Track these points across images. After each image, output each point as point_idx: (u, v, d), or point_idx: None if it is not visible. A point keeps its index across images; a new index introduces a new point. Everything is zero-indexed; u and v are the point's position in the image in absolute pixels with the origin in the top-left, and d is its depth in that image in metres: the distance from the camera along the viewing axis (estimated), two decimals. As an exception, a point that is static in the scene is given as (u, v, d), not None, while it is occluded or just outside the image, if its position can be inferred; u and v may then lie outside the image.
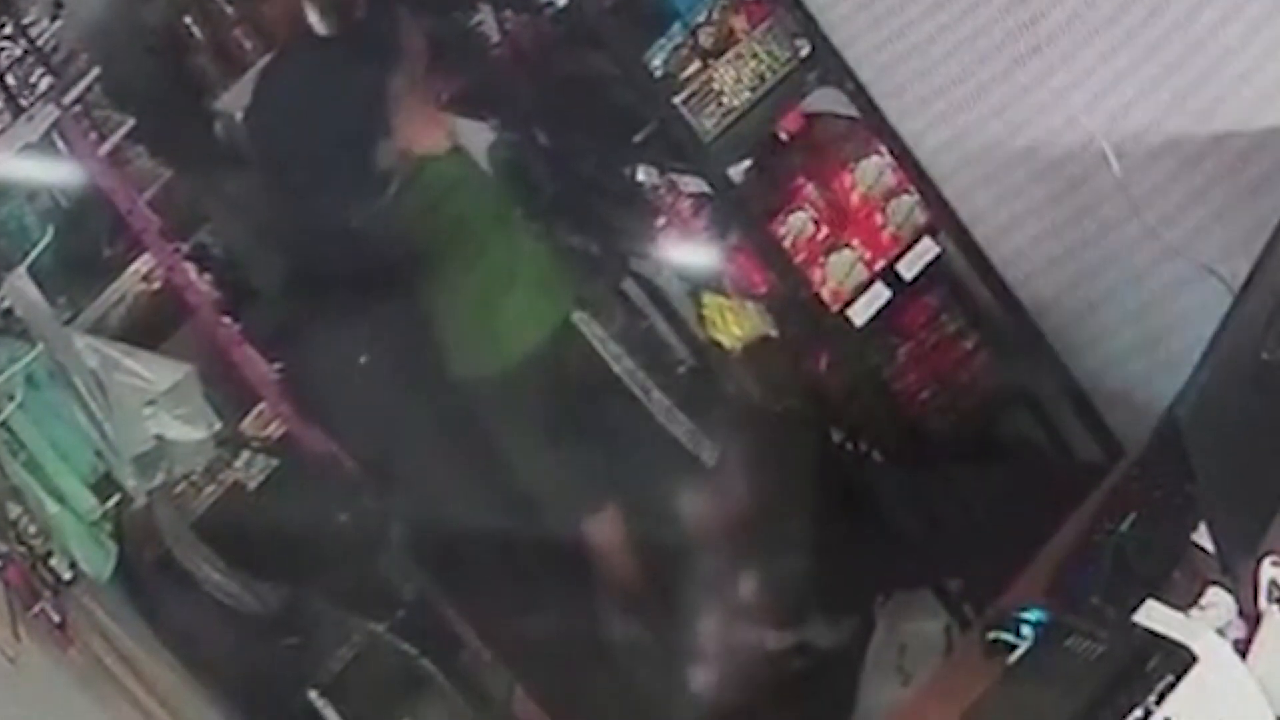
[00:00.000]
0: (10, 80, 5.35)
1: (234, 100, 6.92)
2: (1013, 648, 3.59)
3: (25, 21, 5.42)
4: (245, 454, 5.82)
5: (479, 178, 5.66)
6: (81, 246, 5.72)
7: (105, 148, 5.52)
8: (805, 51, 4.68)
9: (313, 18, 6.68)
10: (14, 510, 5.20)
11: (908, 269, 4.80)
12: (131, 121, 5.66)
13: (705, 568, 5.34)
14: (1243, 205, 4.21)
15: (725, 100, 4.64)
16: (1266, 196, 4.09)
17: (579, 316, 5.60)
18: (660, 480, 5.48)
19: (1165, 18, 4.10)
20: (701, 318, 5.46)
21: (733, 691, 5.32)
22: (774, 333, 5.14)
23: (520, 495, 5.69)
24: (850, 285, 4.76)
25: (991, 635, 3.69)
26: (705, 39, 4.67)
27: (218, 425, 5.42)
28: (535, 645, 5.67)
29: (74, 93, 5.40)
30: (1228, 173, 4.22)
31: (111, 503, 5.32)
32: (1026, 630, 3.58)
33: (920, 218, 4.79)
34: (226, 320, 5.60)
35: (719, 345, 5.40)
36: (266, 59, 5.86)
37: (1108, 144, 4.29)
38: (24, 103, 5.31)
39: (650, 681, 5.49)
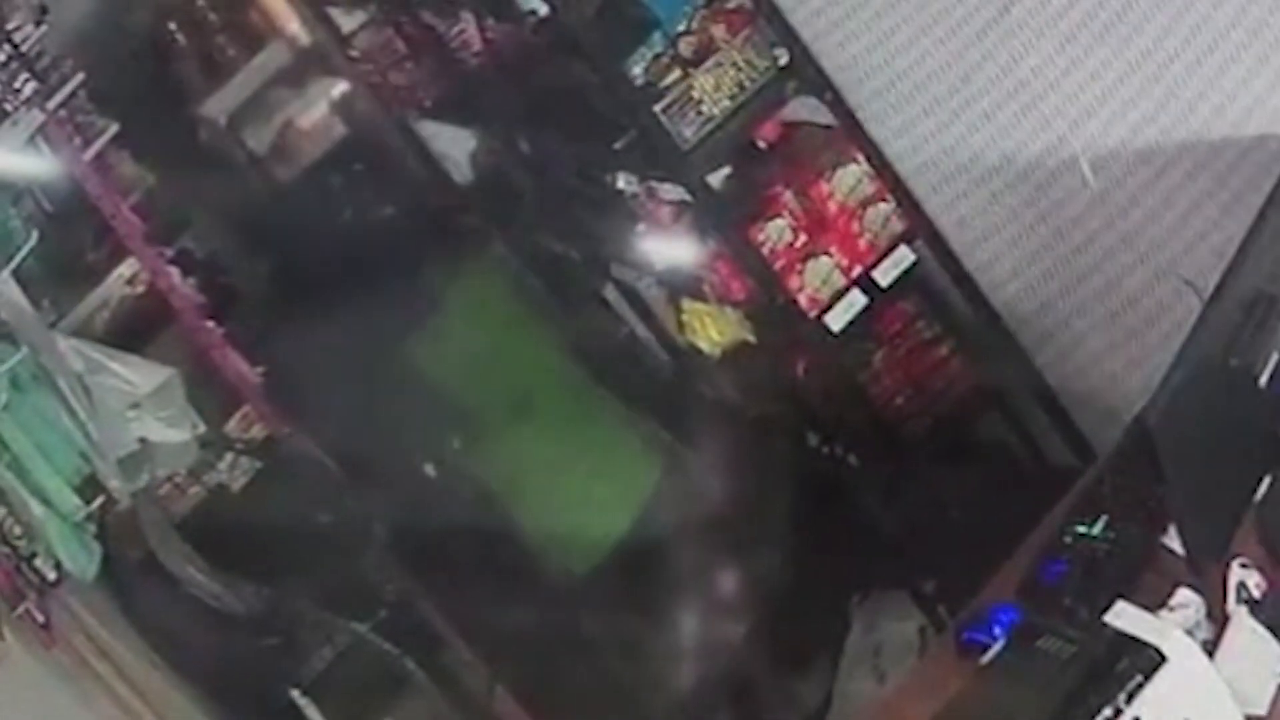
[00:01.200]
0: (-6, 85, 5.35)
1: (218, 106, 6.95)
2: (986, 648, 3.61)
3: (9, 27, 5.40)
4: (229, 456, 5.83)
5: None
6: (66, 250, 5.72)
7: (90, 152, 5.50)
8: (784, 60, 4.71)
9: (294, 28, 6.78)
10: (-1, 512, 5.22)
11: (884, 276, 4.84)
12: (116, 126, 5.65)
13: (684, 568, 5.36)
14: (1213, 214, 4.24)
15: (705, 108, 4.67)
16: (1236, 206, 4.13)
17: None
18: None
19: (1141, 31, 4.14)
20: (681, 323, 5.50)
21: (710, 689, 5.34)
22: (752, 338, 5.18)
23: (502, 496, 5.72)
24: (827, 292, 4.80)
25: (965, 635, 3.72)
26: (685, 48, 4.70)
27: (201, 428, 5.42)
28: (516, 645, 5.68)
29: (58, 97, 5.38)
30: (1199, 182, 4.26)
31: (96, 504, 5.32)
32: (999, 631, 3.61)
33: (897, 225, 4.82)
34: (210, 324, 5.60)
35: (698, 350, 5.44)
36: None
37: (1082, 153, 4.32)
38: (8, 107, 5.29)
39: (628, 680, 5.51)
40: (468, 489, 5.81)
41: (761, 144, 4.93)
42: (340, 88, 7.22)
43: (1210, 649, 3.31)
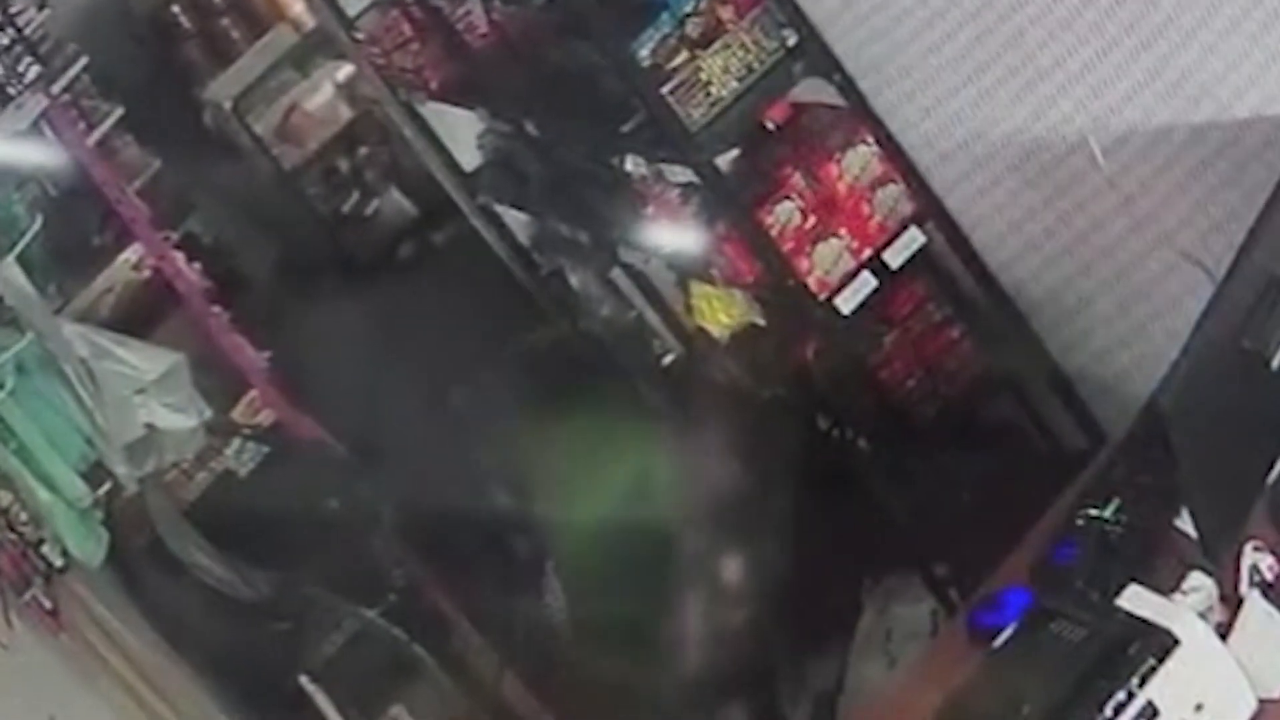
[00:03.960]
0: (-2, 69, 5.36)
1: (222, 89, 6.99)
2: (997, 631, 3.60)
3: (13, 10, 5.43)
4: (235, 442, 5.85)
5: None
6: (71, 235, 5.75)
7: (94, 137, 5.54)
8: (792, 42, 4.69)
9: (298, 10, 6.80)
10: (5, 498, 5.26)
11: (894, 258, 4.82)
12: (120, 111, 5.68)
13: (694, 552, 5.36)
14: (1225, 197, 4.22)
15: (713, 90, 4.66)
16: (1248, 188, 4.11)
17: None
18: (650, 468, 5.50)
19: (1150, 11, 4.12)
20: (690, 306, 5.48)
21: (722, 673, 5.35)
22: (761, 321, 5.17)
23: (510, 481, 5.73)
24: (837, 274, 4.78)
25: (977, 619, 3.74)
26: (693, 29, 4.68)
27: (208, 413, 5.47)
28: (524, 630, 5.70)
29: (62, 82, 5.41)
30: (1211, 164, 4.23)
31: (103, 490, 5.36)
32: (1011, 614, 3.61)
33: (906, 207, 4.81)
34: (216, 308, 5.63)
35: (707, 333, 5.43)
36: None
37: (1092, 134, 4.31)
38: (12, 92, 5.32)
39: (639, 665, 5.51)
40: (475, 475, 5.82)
41: (770, 126, 4.91)
42: (346, 70, 7.26)
43: (1223, 632, 3.32)
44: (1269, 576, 3.43)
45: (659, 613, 5.45)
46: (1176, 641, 3.21)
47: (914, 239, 4.83)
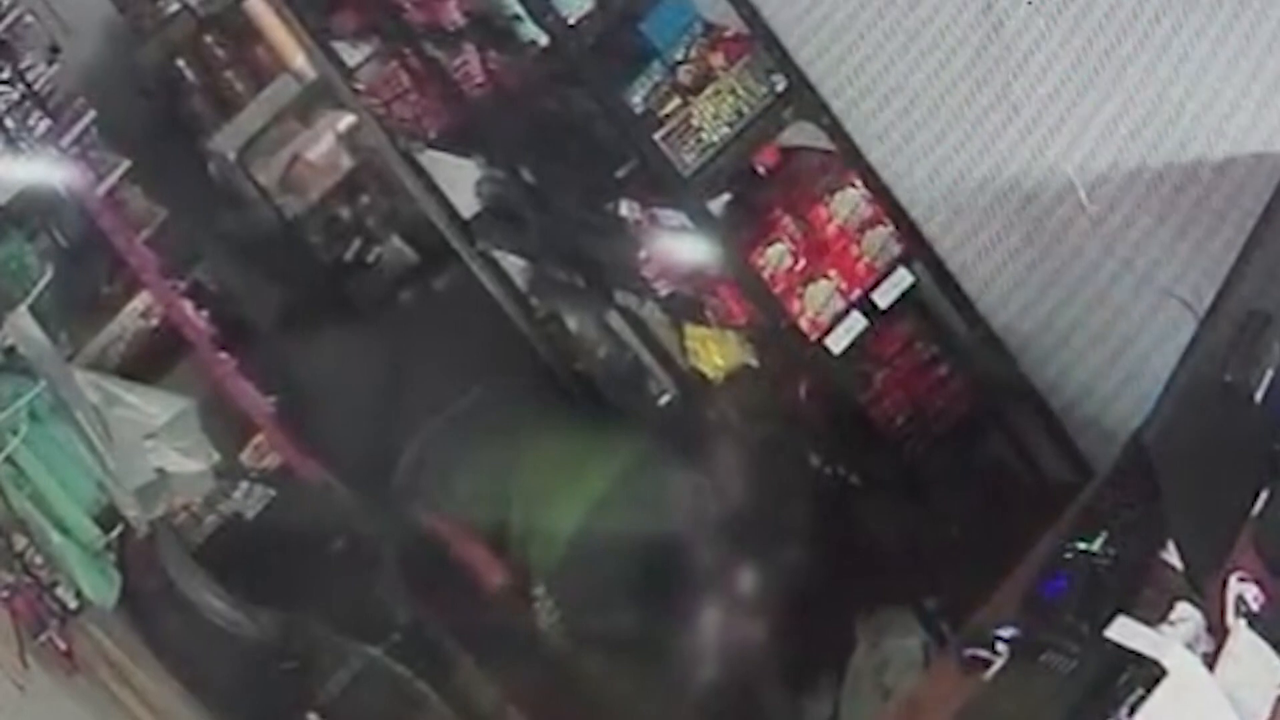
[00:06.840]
0: (9, 123, 5.43)
1: (227, 140, 7.02)
2: (988, 663, 3.65)
3: (23, 66, 5.51)
4: (244, 485, 5.87)
5: None
6: (81, 285, 5.78)
7: (102, 188, 5.57)
8: (781, 87, 4.75)
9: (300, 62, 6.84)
10: (20, 542, 5.27)
11: (883, 298, 4.87)
12: (127, 162, 5.72)
13: (690, 588, 5.40)
14: (1208, 233, 4.26)
15: (704, 136, 4.71)
16: (1230, 224, 4.14)
17: None
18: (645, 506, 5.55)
19: (1130, 51, 4.16)
20: (684, 348, 5.53)
21: (717, 708, 5.38)
22: (754, 362, 5.21)
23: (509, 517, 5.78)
24: (828, 315, 4.83)
25: (968, 651, 3.75)
26: (684, 76, 4.74)
27: (216, 457, 5.49)
28: (527, 666, 5.73)
29: (71, 135, 5.46)
30: (1193, 201, 4.28)
31: (115, 533, 5.38)
32: (1002, 646, 3.64)
33: (895, 248, 4.86)
34: (223, 355, 5.66)
35: (701, 375, 5.48)
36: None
37: (1076, 173, 4.35)
38: (23, 145, 5.38)
39: (637, 700, 5.55)
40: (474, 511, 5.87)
41: (760, 170, 4.96)
42: (346, 121, 7.31)
43: (1210, 662, 3.34)
44: (1254, 607, 3.45)
45: (655, 649, 5.47)
46: (1164, 672, 3.23)
47: (902, 279, 4.88)
